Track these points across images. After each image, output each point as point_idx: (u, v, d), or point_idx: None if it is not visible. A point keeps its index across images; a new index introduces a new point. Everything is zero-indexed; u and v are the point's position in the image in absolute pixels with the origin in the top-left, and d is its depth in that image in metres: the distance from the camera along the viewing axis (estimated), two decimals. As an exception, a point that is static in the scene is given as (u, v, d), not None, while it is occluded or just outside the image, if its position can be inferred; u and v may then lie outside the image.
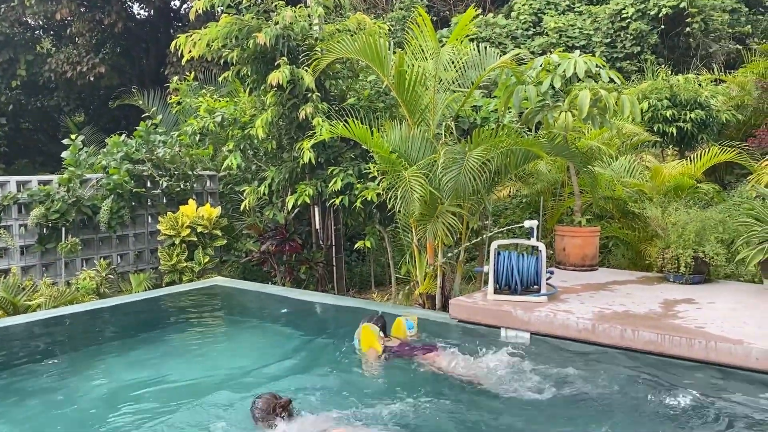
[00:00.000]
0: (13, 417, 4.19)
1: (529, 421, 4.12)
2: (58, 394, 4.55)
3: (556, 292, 6.23)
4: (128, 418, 4.06)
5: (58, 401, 4.40)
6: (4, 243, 8.01)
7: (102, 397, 4.45)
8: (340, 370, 4.98)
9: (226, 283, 8.28)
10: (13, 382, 4.89)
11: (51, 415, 4.17)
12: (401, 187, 6.32)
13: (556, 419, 4.12)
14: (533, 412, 4.21)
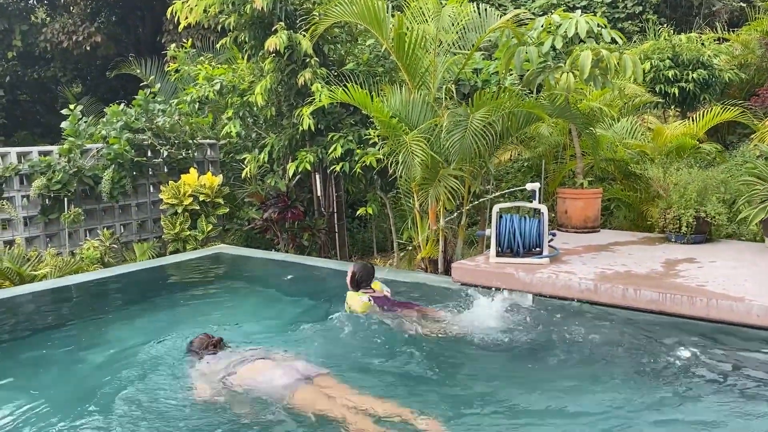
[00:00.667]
0: (23, 382, 4.27)
1: (514, 372, 4.31)
2: (65, 361, 4.62)
3: (558, 253, 6.26)
4: (134, 383, 4.13)
5: (66, 368, 4.48)
6: (7, 214, 8.03)
7: (109, 363, 4.51)
8: (326, 329, 5.08)
9: (230, 250, 8.33)
10: (21, 350, 4.97)
11: (60, 380, 4.24)
12: (402, 152, 6.30)
13: (547, 374, 4.24)
14: (519, 366, 4.42)
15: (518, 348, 4.68)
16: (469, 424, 3.55)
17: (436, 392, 3.97)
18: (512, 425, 3.57)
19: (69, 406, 3.85)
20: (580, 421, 3.54)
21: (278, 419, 3.57)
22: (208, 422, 3.59)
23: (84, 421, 3.64)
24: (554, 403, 3.78)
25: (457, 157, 6.27)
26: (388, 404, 3.61)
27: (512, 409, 3.74)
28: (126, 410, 3.75)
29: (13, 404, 3.89)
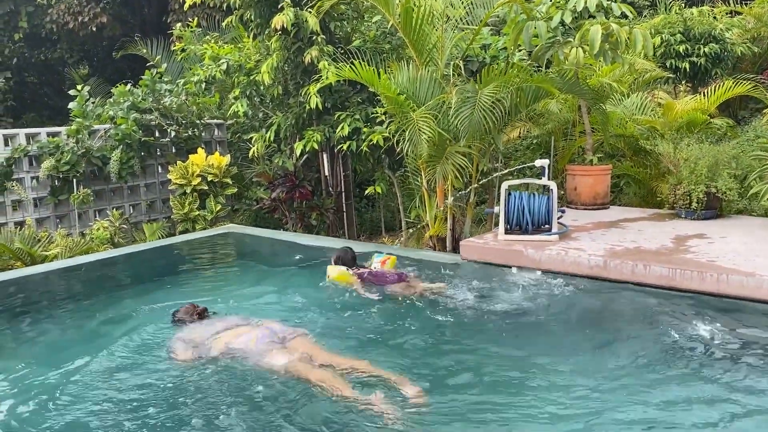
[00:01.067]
0: (38, 359, 4.32)
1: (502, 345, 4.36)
2: (79, 339, 4.67)
3: (567, 230, 6.23)
4: (147, 362, 4.17)
5: (80, 345, 4.52)
6: (18, 195, 8.08)
7: (122, 340, 4.55)
8: (324, 303, 5.23)
9: (239, 230, 8.35)
10: (35, 328, 5.02)
11: (73, 357, 4.28)
12: (409, 129, 6.27)
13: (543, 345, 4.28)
14: (505, 337, 4.52)
15: (508, 319, 4.79)
16: (446, 388, 3.66)
17: (413, 357, 4.11)
18: (484, 391, 3.64)
19: (80, 380, 3.90)
20: (575, 395, 3.56)
21: (255, 380, 3.73)
22: (192, 385, 3.78)
23: (94, 394, 3.71)
24: (545, 377, 3.81)
25: (465, 134, 6.23)
26: (362, 363, 3.78)
27: (491, 376, 3.85)
28: (131, 383, 3.86)
29: (25, 380, 3.96)
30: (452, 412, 3.39)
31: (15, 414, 3.53)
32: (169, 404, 3.55)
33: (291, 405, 3.44)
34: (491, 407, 3.44)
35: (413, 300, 5.17)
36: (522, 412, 3.37)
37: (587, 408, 3.37)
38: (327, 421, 3.28)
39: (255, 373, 3.82)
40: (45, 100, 15.68)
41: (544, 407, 3.39)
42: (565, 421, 3.25)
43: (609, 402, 3.43)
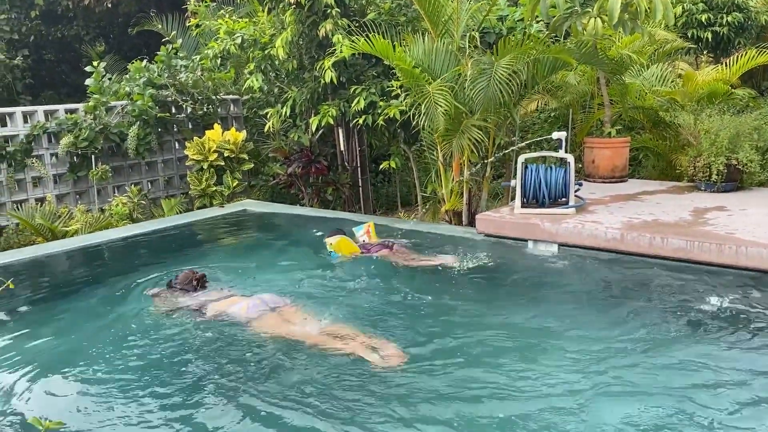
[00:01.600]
0: (60, 334, 4.40)
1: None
2: (100, 314, 4.74)
3: (584, 203, 6.19)
4: (169, 338, 4.24)
5: (100, 320, 4.59)
6: (38, 172, 8.18)
7: (143, 313, 4.63)
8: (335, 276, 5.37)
9: (256, 205, 8.40)
10: (57, 303, 5.11)
11: (94, 332, 4.36)
12: (425, 103, 6.22)
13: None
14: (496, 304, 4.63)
15: (498, 286, 4.98)
16: (430, 355, 3.77)
17: (400, 322, 4.29)
18: (467, 364, 3.68)
19: (99, 353, 3.99)
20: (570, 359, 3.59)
21: (245, 342, 4.02)
22: (190, 345, 4.05)
23: (112, 367, 3.80)
24: (549, 344, 3.86)
25: (481, 106, 6.17)
26: (347, 329, 4.00)
27: (478, 343, 3.94)
28: (142, 348, 4.00)
29: (47, 353, 4.05)
30: (433, 374, 3.51)
31: (42, 383, 3.63)
32: (171, 363, 3.81)
33: (276, 365, 3.67)
34: (472, 379, 3.49)
35: (410, 270, 5.35)
36: (514, 384, 3.38)
37: (595, 378, 3.36)
38: (311, 380, 3.45)
39: (245, 336, 4.09)
40: (62, 77, 15.75)
41: (545, 376, 3.41)
42: (572, 390, 3.26)
43: (618, 372, 3.43)
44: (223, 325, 4.27)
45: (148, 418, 3.20)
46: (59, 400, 3.49)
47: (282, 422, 3.10)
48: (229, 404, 3.28)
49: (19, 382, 3.66)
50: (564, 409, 3.07)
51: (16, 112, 8.14)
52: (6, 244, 7.49)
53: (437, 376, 3.48)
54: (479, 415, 3.09)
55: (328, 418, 3.08)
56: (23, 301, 5.08)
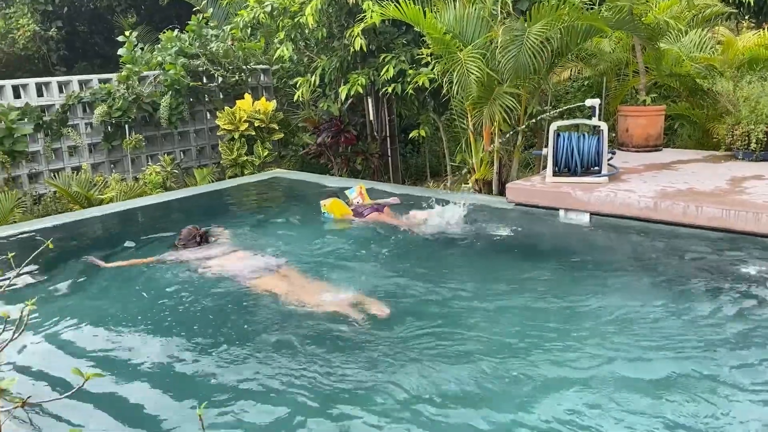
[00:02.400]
0: (97, 297, 4.53)
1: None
2: (137, 278, 4.86)
3: (617, 172, 6.10)
4: (200, 300, 4.33)
5: (137, 284, 4.71)
6: (73, 141, 8.33)
7: (177, 278, 4.73)
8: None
9: (286, 174, 8.45)
10: (95, 268, 5.25)
11: (130, 296, 4.49)
12: (457, 70, 6.16)
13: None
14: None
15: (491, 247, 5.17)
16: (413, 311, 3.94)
17: (386, 280, 4.48)
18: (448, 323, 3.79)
19: (133, 315, 4.13)
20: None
21: (242, 298, 4.27)
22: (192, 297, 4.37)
23: (143, 327, 3.95)
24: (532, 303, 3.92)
25: (510, 74, 6.08)
26: (338, 289, 4.24)
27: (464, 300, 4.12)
28: (178, 315, 4.11)
29: (84, 314, 4.17)
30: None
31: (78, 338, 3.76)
32: (178, 314, 4.14)
33: (269, 320, 3.93)
34: (454, 337, 3.58)
35: (400, 232, 5.64)
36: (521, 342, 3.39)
37: (621, 349, 3.33)
38: (300, 336, 3.64)
39: (242, 291, 4.37)
40: (96, 49, 15.91)
41: (559, 347, 3.40)
42: (598, 360, 3.25)
43: (646, 342, 3.41)
44: (223, 280, 4.56)
45: (171, 367, 3.43)
46: (96, 350, 3.66)
47: (270, 377, 3.25)
48: (227, 353, 3.53)
49: (57, 336, 3.82)
50: (593, 383, 3.07)
51: (52, 82, 8.28)
52: (44, 211, 7.69)
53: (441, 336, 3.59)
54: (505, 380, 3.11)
55: (315, 374, 3.22)
56: (61, 261, 5.25)
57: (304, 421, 2.85)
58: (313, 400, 3.00)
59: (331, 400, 2.99)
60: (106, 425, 2.88)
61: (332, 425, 2.80)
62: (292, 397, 3.04)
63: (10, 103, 7.81)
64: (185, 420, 2.88)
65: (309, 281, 4.47)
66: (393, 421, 2.81)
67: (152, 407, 3.04)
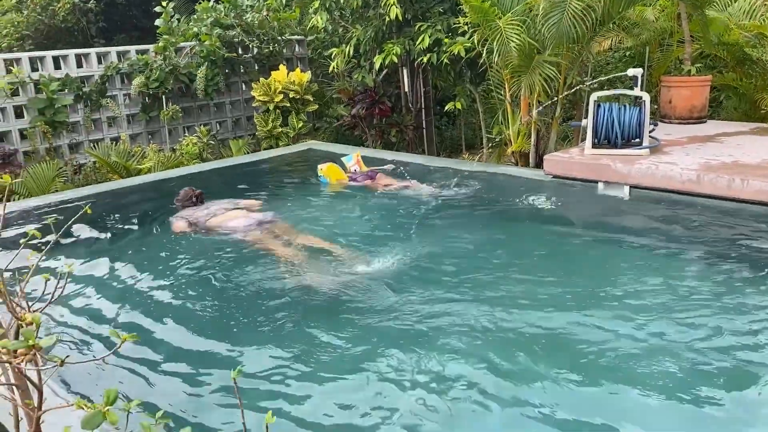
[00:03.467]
0: (132, 259, 4.62)
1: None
2: (174, 246, 4.96)
3: (659, 144, 5.93)
4: (238, 269, 4.39)
5: (174, 252, 4.80)
6: (112, 112, 8.45)
7: (215, 245, 4.82)
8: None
9: (320, 146, 8.45)
10: (131, 233, 5.36)
11: (176, 258, 4.58)
12: (496, 39, 6.03)
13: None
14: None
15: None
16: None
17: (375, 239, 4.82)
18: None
19: (166, 279, 4.25)
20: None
21: (237, 251, 4.69)
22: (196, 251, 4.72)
23: (165, 291, 4.07)
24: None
25: (553, 41, 5.93)
26: (327, 243, 4.68)
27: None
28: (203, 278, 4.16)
29: (123, 276, 4.28)
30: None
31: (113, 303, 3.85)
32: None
33: (264, 274, 4.26)
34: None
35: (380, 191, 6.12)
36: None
37: (660, 329, 3.24)
38: (295, 291, 3.92)
39: (238, 246, 4.79)
40: (134, 21, 16.05)
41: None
42: (634, 338, 3.19)
43: (686, 323, 3.32)
44: (220, 235, 5.02)
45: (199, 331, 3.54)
46: (129, 311, 3.79)
47: (266, 334, 3.39)
48: (228, 308, 3.80)
49: (95, 298, 3.95)
50: (632, 356, 3.01)
51: (91, 54, 8.37)
52: (85, 180, 7.85)
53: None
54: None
55: (312, 330, 3.40)
56: (101, 227, 5.40)
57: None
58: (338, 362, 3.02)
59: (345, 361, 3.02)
60: (140, 387, 2.95)
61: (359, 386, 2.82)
62: (318, 359, 3.08)
63: (51, 74, 7.94)
64: (218, 383, 2.93)
65: (300, 235, 4.89)
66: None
67: (183, 371, 3.10)
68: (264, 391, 2.85)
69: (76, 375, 2.92)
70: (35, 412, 1.68)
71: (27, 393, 1.76)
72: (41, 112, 7.75)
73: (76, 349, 3.28)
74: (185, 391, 2.90)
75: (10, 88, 7.53)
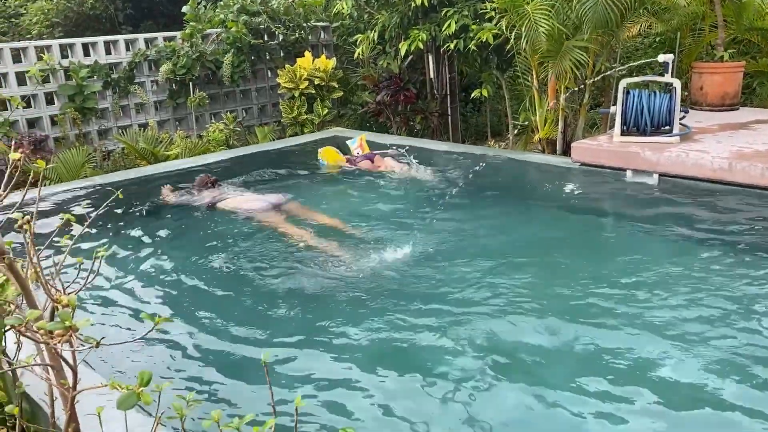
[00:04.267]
0: (168, 248, 4.69)
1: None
2: (204, 228, 5.02)
3: (689, 132, 5.83)
4: (262, 253, 4.44)
5: (206, 234, 4.87)
6: (140, 98, 8.54)
7: (240, 229, 4.87)
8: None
9: (345, 133, 8.45)
10: (160, 218, 5.43)
11: (201, 241, 4.64)
12: (524, 24, 5.95)
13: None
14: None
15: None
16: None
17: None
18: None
19: (194, 263, 4.28)
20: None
21: (251, 231, 4.96)
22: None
23: (198, 273, 4.10)
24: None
25: (590, 25, 5.84)
26: (335, 220, 5.07)
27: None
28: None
29: (152, 260, 4.36)
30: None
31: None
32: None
33: (270, 249, 4.53)
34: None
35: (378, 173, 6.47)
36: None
37: (684, 323, 3.21)
38: (297, 259, 4.24)
39: (248, 226, 5.09)
40: (160, 8, 16.16)
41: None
42: (663, 334, 3.15)
43: (715, 315, 3.27)
44: (234, 218, 5.32)
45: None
46: (158, 295, 3.87)
47: (292, 317, 3.48)
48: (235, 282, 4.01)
49: (125, 281, 4.05)
50: (660, 345, 2.98)
51: (119, 40, 8.46)
52: (113, 166, 7.95)
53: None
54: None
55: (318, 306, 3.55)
56: (130, 212, 5.49)
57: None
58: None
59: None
60: (170, 369, 3.00)
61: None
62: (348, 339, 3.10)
63: (81, 60, 8.04)
64: (247, 366, 2.97)
65: (311, 213, 5.27)
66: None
67: (212, 354, 3.14)
68: (292, 375, 2.88)
69: (108, 356, 2.98)
70: (70, 392, 1.72)
71: (62, 373, 1.80)
72: (71, 99, 7.86)
73: (109, 330, 3.35)
74: (215, 375, 2.95)
75: (41, 75, 7.65)
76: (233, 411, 2.61)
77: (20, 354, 2.22)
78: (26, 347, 2.27)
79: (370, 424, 2.54)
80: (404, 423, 2.53)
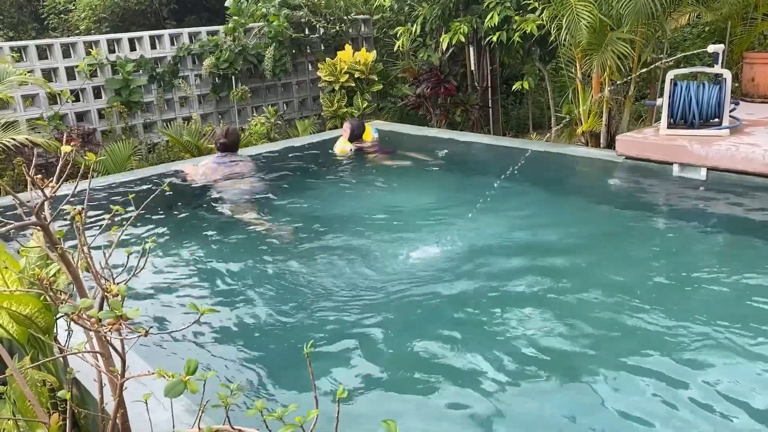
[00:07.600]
0: (212, 241, 4.77)
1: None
2: (246, 225, 5.10)
3: (740, 124, 5.64)
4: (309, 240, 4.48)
5: (245, 230, 4.94)
6: (184, 92, 8.69)
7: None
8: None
9: (385, 126, 8.44)
10: (198, 210, 5.53)
11: (240, 238, 4.70)
12: (567, 16, 5.85)
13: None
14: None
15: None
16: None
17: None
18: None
19: (238, 256, 4.35)
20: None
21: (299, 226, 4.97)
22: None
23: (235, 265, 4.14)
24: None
25: (630, 17, 5.70)
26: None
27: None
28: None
29: (197, 252, 4.43)
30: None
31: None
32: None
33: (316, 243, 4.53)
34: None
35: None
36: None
37: (728, 326, 3.09)
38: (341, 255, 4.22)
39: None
40: (203, 2, 16.40)
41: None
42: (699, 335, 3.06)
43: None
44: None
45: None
46: (202, 286, 3.95)
47: (335, 310, 3.48)
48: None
49: (170, 272, 4.13)
50: (691, 354, 2.91)
51: (164, 35, 8.62)
52: (158, 159, 8.12)
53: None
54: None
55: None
56: (176, 204, 5.62)
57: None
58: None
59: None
60: (213, 359, 3.05)
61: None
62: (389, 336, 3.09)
63: (127, 55, 8.22)
64: (290, 357, 3.00)
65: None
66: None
67: (256, 344, 3.19)
68: (334, 368, 2.90)
69: (152, 345, 3.05)
70: (119, 379, 1.77)
71: (111, 361, 1.85)
72: (117, 93, 8.05)
73: (154, 320, 3.42)
74: (258, 365, 2.98)
75: (89, 69, 7.85)
76: (276, 401, 2.64)
77: (71, 341, 2.29)
78: (77, 334, 2.34)
79: (409, 420, 2.54)
80: (446, 422, 2.52)
